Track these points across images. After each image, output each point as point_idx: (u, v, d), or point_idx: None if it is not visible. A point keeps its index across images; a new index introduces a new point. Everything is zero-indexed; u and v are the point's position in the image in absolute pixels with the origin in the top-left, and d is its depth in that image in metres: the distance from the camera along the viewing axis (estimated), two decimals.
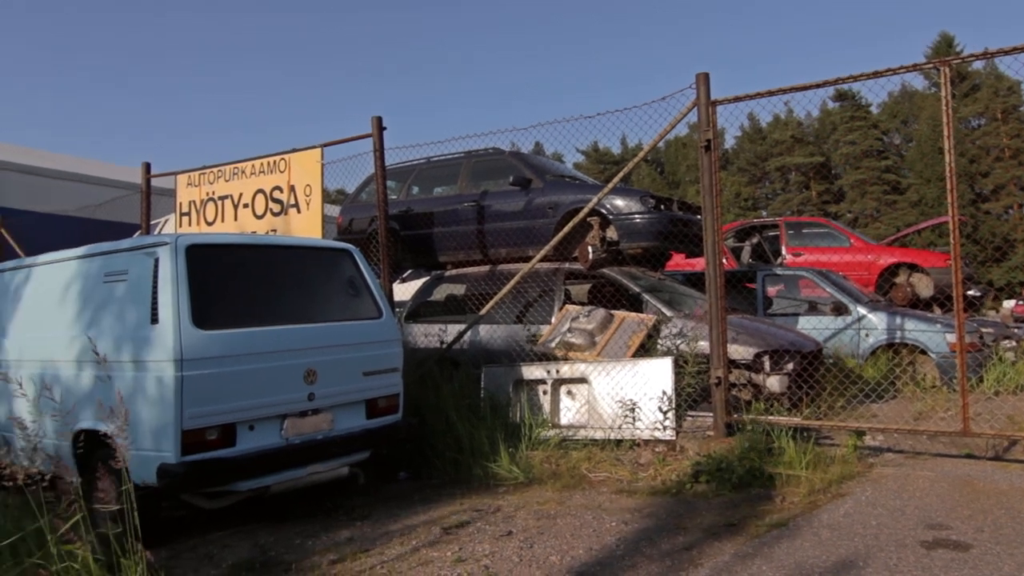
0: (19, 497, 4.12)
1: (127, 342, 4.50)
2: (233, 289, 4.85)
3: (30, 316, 5.49)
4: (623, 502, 4.97)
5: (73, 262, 5.24)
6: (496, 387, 6.71)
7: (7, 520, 3.90)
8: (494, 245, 8.22)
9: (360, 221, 9.18)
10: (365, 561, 4.11)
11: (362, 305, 5.43)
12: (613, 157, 56.24)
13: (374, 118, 7.34)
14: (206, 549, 4.56)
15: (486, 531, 4.50)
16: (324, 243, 6.10)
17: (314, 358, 4.84)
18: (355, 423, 5.13)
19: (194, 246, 4.61)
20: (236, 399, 4.45)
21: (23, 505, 3.97)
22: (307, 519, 5.07)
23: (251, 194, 8.32)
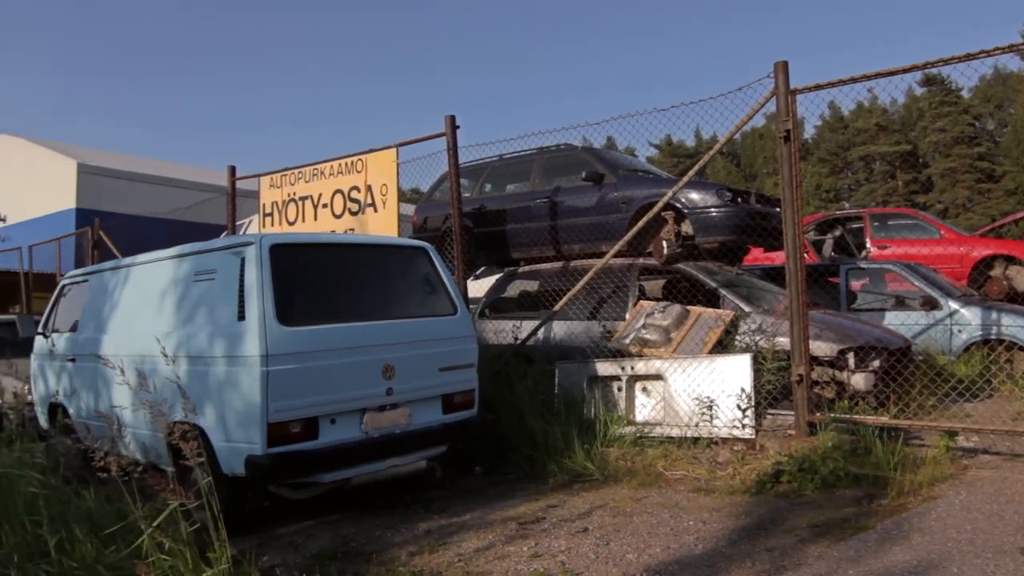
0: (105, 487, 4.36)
1: (216, 338, 4.70)
2: (314, 287, 5.00)
3: (127, 312, 5.79)
4: (701, 501, 4.90)
5: (166, 262, 5.50)
6: (570, 383, 6.70)
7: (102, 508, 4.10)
8: (567, 241, 8.20)
9: (434, 219, 9.31)
10: (443, 554, 4.17)
11: (438, 302, 5.51)
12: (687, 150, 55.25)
13: (447, 117, 7.43)
14: (291, 538, 4.72)
15: (562, 527, 4.51)
16: (400, 241, 6.22)
17: (392, 354, 4.95)
18: (432, 418, 5.22)
19: (278, 245, 4.78)
20: (318, 393, 4.59)
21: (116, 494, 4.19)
22: (386, 511, 5.19)
23: (330, 194, 8.55)
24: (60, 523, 3.85)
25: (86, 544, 3.61)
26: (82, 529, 3.70)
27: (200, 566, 3.25)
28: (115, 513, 3.97)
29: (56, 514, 3.93)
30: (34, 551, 3.74)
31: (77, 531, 3.67)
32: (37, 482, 4.36)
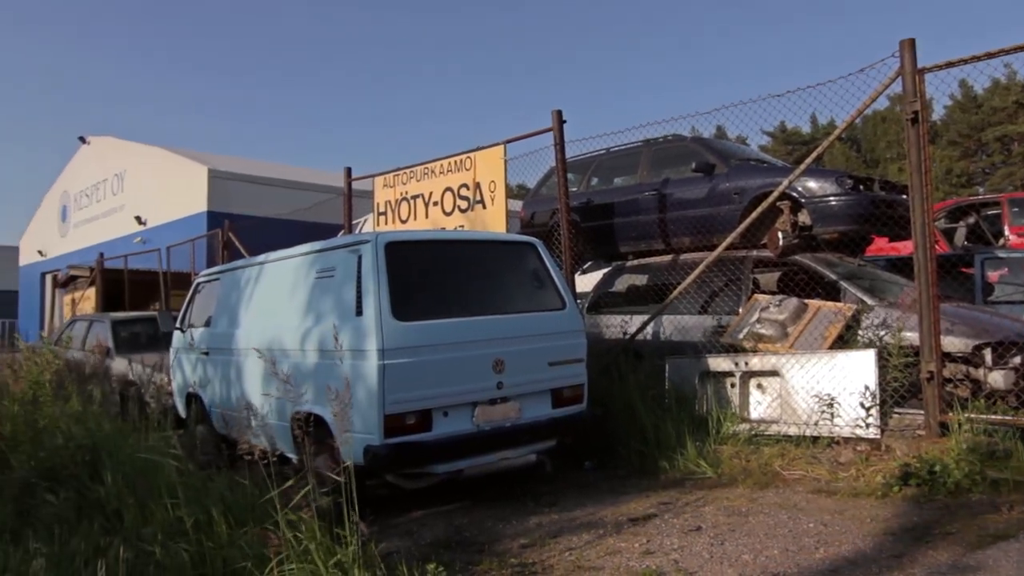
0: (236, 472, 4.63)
1: (336, 333, 4.90)
2: (427, 283, 5.13)
3: (255, 308, 6.15)
4: (821, 502, 4.70)
5: (289, 260, 5.80)
6: (681, 379, 6.58)
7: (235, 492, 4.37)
8: (676, 234, 8.05)
9: (542, 214, 9.35)
10: (554, 547, 4.20)
11: (546, 296, 5.54)
12: (802, 137, 52.84)
13: (554, 112, 7.44)
14: (407, 527, 4.88)
15: (674, 525, 4.44)
16: (509, 237, 6.29)
17: (502, 348, 5.02)
18: (541, 412, 5.25)
19: (392, 243, 4.94)
20: (431, 387, 4.72)
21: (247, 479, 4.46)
22: (497, 503, 5.27)
23: (440, 192, 8.75)
24: (197, 505, 4.13)
25: (221, 525, 3.86)
26: (217, 511, 3.95)
27: (330, 545, 3.40)
28: (247, 497, 4.23)
29: (194, 496, 4.22)
30: (175, 530, 4.03)
31: (214, 512, 3.92)
32: (179, 466, 4.70)
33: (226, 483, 4.39)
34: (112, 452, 5.24)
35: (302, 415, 5.06)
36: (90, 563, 3.75)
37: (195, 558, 3.71)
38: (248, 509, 4.12)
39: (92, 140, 30.39)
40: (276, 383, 5.43)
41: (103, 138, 29.79)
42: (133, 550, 3.75)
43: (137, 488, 4.68)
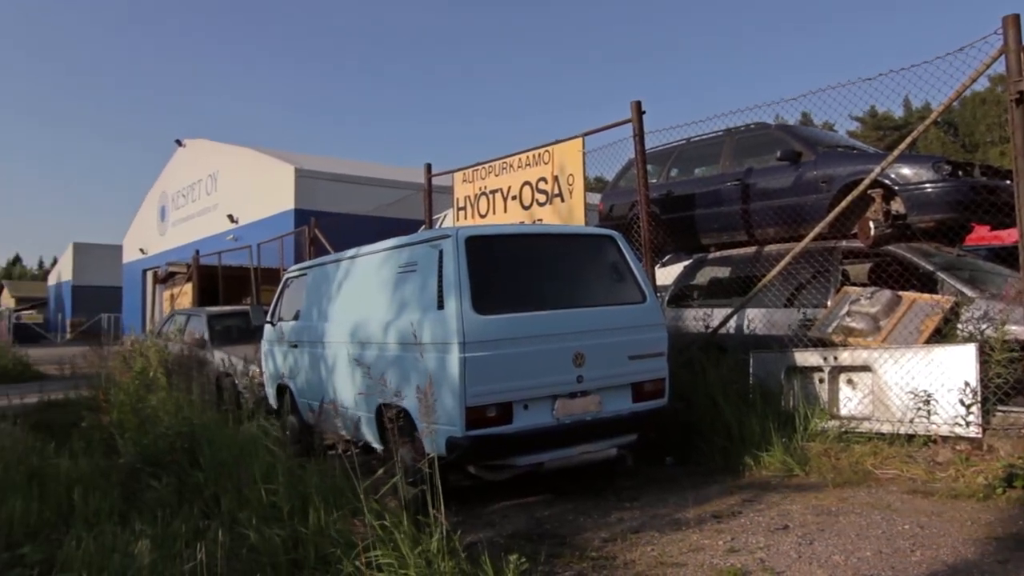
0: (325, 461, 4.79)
1: (418, 326, 5.01)
2: (507, 276, 5.17)
3: (341, 303, 6.33)
4: (917, 504, 4.51)
5: (372, 256, 5.94)
6: (766, 374, 6.41)
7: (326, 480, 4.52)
8: (760, 225, 7.83)
9: (620, 207, 9.26)
10: (635, 542, 4.17)
11: (626, 289, 5.49)
12: (894, 122, 50.36)
13: (633, 103, 7.35)
14: (489, 518, 4.94)
15: (759, 523, 4.34)
16: (588, 230, 6.26)
17: (582, 342, 5.01)
18: (622, 406, 5.22)
19: (472, 238, 5.00)
20: (512, 379, 4.76)
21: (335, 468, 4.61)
22: (578, 497, 5.27)
23: (518, 186, 8.78)
24: (292, 491, 4.30)
25: (318, 511, 3.99)
26: (311, 498, 4.09)
27: (415, 534, 3.48)
28: (336, 485, 4.37)
29: (289, 484, 4.39)
30: (268, 515, 4.21)
31: (313, 499, 4.06)
32: (272, 454, 4.90)
33: (317, 471, 4.54)
34: (210, 440, 5.51)
35: (386, 407, 5.20)
36: (190, 545, 3.96)
37: (287, 543, 3.87)
38: (337, 497, 4.25)
39: (187, 143, 31.85)
40: (361, 375, 5.60)
41: (197, 140, 31.19)
42: (230, 534, 3.93)
43: (233, 474, 4.91)
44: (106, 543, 4.00)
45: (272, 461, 4.81)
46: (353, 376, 5.77)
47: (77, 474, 5.55)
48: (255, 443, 5.18)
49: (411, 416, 4.91)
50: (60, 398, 9.79)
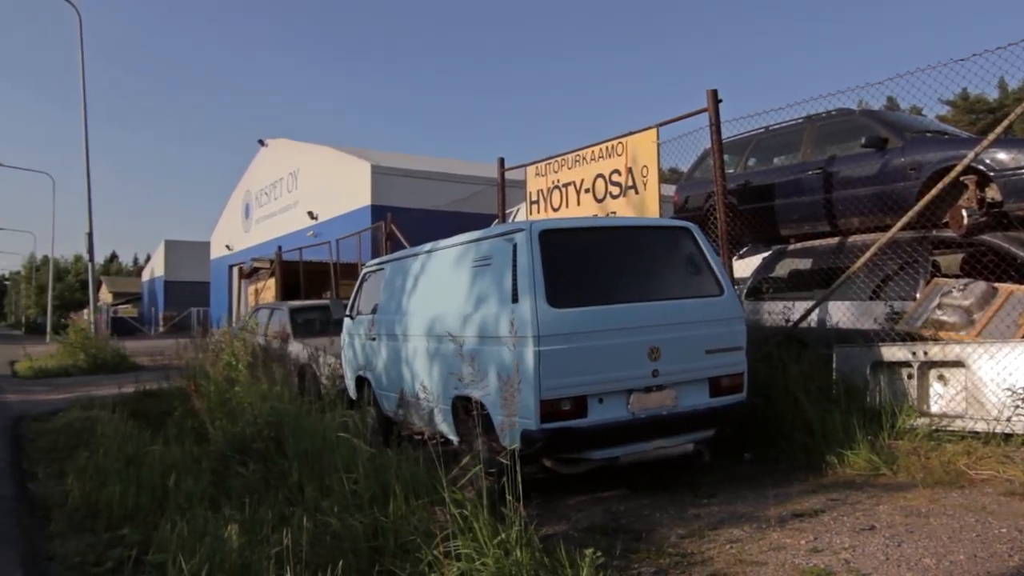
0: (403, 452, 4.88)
1: (493, 320, 5.06)
2: (582, 269, 5.15)
3: (417, 296, 6.44)
4: (1016, 506, 4.27)
5: (449, 250, 6.02)
6: (850, 369, 6.19)
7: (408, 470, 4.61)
8: (844, 215, 7.55)
9: (696, 198, 9.10)
10: (713, 539, 4.11)
11: (703, 282, 5.40)
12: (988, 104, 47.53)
13: (709, 91, 7.20)
14: (563, 511, 4.95)
15: (844, 523, 4.21)
16: (663, 222, 6.18)
17: (657, 335, 4.95)
18: (699, 401, 5.14)
19: (546, 231, 5.01)
20: (586, 373, 4.74)
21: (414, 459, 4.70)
22: (654, 492, 5.22)
23: (591, 179, 8.73)
24: (374, 480, 4.40)
25: (399, 500, 4.08)
26: (393, 487, 4.19)
27: (494, 525, 3.51)
28: (416, 475, 4.46)
29: (371, 473, 4.50)
30: (349, 503, 4.33)
31: (394, 488, 4.16)
32: (352, 444, 5.03)
33: (396, 462, 4.64)
34: (293, 430, 5.70)
35: (462, 399, 5.27)
36: (276, 530, 4.11)
37: (367, 531, 3.97)
38: (417, 487, 4.34)
39: (269, 142, 32.91)
40: (437, 368, 5.69)
41: (279, 140, 32.19)
42: (313, 520, 4.07)
43: (316, 463, 5.07)
44: (198, 527, 4.19)
45: (353, 451, 4.94)
46: (429, 369, 5.86)
47: (171, 460, 5.85)
48: (337, 433, 5.33)
49: (487, 409, 4.95)
50: (154, 388, 10.31)
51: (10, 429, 9.43)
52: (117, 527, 4.88)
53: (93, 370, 18.13)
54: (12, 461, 7.32)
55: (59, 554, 4.47)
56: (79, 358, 19.16)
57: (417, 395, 5.93)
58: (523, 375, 4.61)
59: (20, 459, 7.45)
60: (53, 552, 4.55)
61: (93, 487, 5.54)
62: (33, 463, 7.21)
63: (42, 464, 7.07)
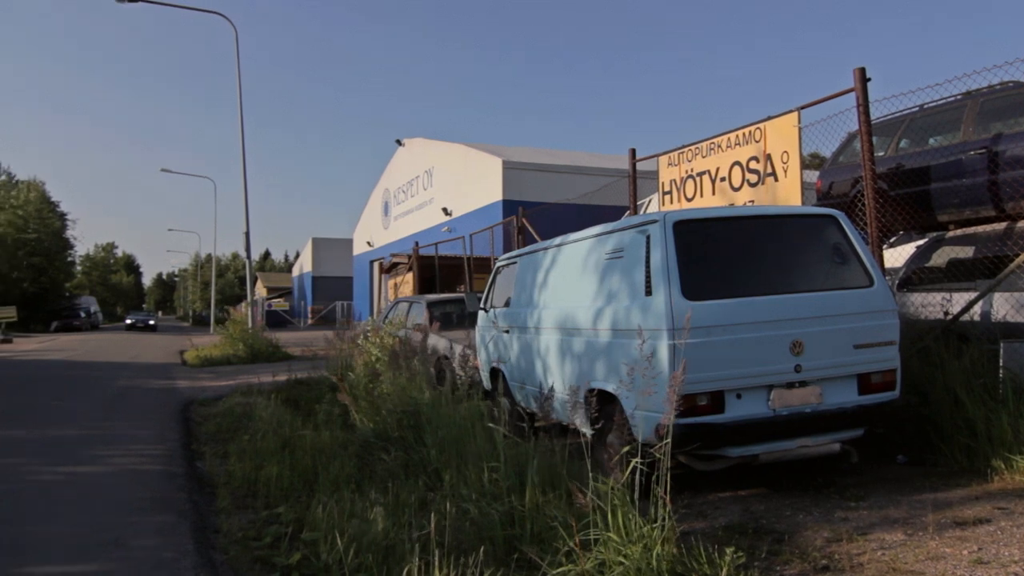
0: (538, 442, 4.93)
1: (626, 312, 5.01)
2: (719, 261, 5.00)
3: (549, 289, 6.49)
4: None
5: (580, 243, 6.02)
6: (1020, 366, 5.65)
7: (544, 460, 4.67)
8: (1012, 198, 6.89)
9: (841, 184, 8.60)
10: (863, 545, 3.89)
11: (850, 273, 5.10)
12: None
13: (856, 70, 6.78)
14: (700, 508, 4.84)
15: (1013, 534, 3.86)
16: (806, 210, 5.88)
17: (800, 329, 4.73)
18: (846, 398, 4.87)
19: (681, 222, 4.90)
20: (724, 367, 4.60)
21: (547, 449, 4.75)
22: (796, 493, 5.01)
23: (727, 167, 8.45)
24: (511, 469, 4.49)
25: (534, 490, 4.14)
26: (530, 477, 4.24)
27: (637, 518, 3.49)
28: (552, 465, 4.50)
29: (510, 462, 4.59)
30: (488, 491, 4.43)
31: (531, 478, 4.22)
32: (489, 434, 5.15)
33: (532, 451, 4.70)
34: (432, 419, 5.90)
35: (595, 391, 5.26)
36: (417, 515, 4.28)
37: (504, 518, 4.05)
38: (553, 477, 4.38)
39: (406, 142, 34.14)
40: (570, 360, 5.71)
41: (415, 139, 33.33)
42: (453, 507, 4.20)
43: (454, 452, 5.23)
44: (345, 508, 4.44)
45: (489, 440, 5.06)
46: (562, 361, 5.89)
47: (320, 445, 6.22)
48: (473, 423, 5.47)
49: (620, 401, 4.92)
50: (304, 377, 10.99)
51: (181, 413, 10.35)
52: (274, 505, 5.25)
53: (251, 359, 19.56)
54: (183, 442, 8.04)
55: (224, 528, 4.87)
56: (238, 348, 20.74)
57: (550, 387, 5.98)
58: (656, 369, 4.54)
59: (190, 440, 8.17)
60: (219, 526, 4.96)
61: (252, 468, 5.98)
62: (200, 444, 7.88)
63: (208, 445, 7.72)
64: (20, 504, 5.48)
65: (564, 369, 5.85)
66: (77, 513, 5.25)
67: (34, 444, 7.91)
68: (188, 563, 4.17)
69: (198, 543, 4.55)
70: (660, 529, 3.40)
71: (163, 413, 10.28)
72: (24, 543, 4.53)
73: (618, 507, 3.50)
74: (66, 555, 4.36)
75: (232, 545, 4.53)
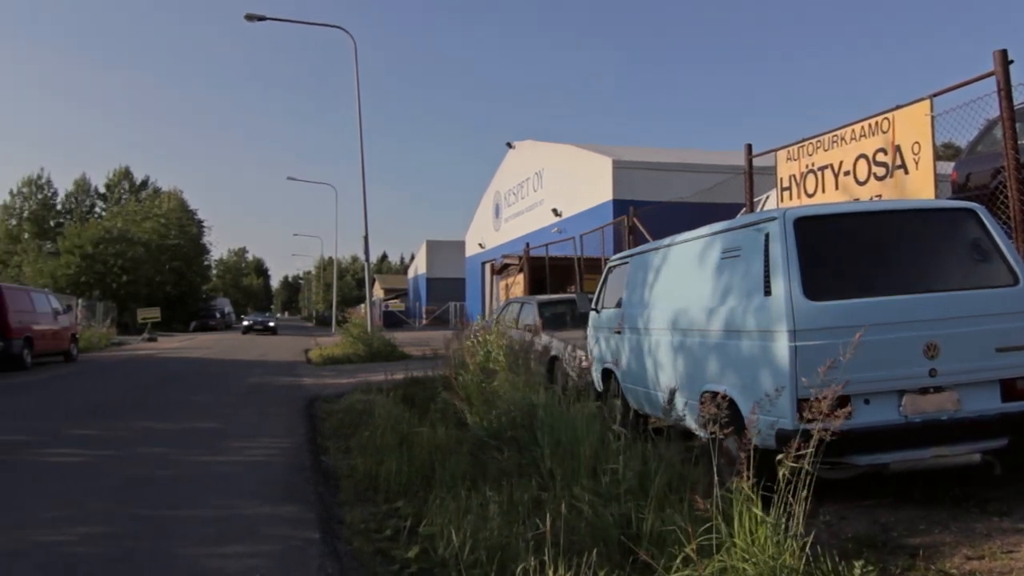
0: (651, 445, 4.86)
1: (744, 313, 4.86)
2: (843, 259, 4.76)
3: (662, 290, 6.39)
4: None
5: (694, 242, 5.90)
6: None
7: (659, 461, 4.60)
8: None
9: (979, 175, 7.99)
10: (1008, 563, 3.61)
11: (991, 271, 4.74)
12: None
13: (997, 52, 6.29)
14: (824, 518, 4.62)
15: None
16: (941, 204, 5.51)
17: (935, 331, 4.44)
18: (987, 405, 4.52)
19: (802, 219, 4.70)
20: (850, 371, 4.36)
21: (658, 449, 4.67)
22: (929, 505, 4.70)
23: (852, 160, 8.05)
24: (625, 471, 4.45)
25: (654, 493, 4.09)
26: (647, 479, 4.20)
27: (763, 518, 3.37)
28: (671, 467, 4.43)
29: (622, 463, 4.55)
30: (602, 493, 4.41)
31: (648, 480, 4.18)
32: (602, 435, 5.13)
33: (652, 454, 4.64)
34: (544, 419, 5.93)
35: (710, 393, 5.13)
36: (531, 514, 4.32)
37: (619, 521, 4.02)
38: (672, 480, 4.32)
39: (516, 144, 34.49)
40: (684, 362, 5.61)
41: (525, 142, 33.62)
42: (566, 507, 4.21)
43: (567, 452, 5.24)
44: (460, 505, 4.54)
45: (602, 442, 5.04)
46: (676, 362, 5.79)
47: (435, 442, 6.38)
48: (587, 423, 5.46)
49: (737, 404, 4.78)
50: (420, 376, 11.30)
51: (306, 409, 10.89)
52: (393, 499, 5.43)
53: (370, 358, 20.33)
54: (309, 437, 8.45)
55: (347, 520, 5.09)
56: (358, 348, 21.60)
57: (664, 388, 5.89)
58: (777, 371, 4.38)
59: (315, 435, 8.57)
60: (342, 517, 5.19)
61: (373, 462, 6.21)
62: (325, 439, 8.26)
63: (332, 440, 8.08)
64: (167, 490, 5.93)
65: (678, 371, 5.74)
66: (215, 500, 5.63)
67: (179, 435, 8.55)
68: (315, 552, 4.38)
69: (324, 533, 4.77)
70: (788, 537, 3.27)
71: (290, 409, 10.85)
72: (172, 527, 4.90)
73: (743, 513, 3.40)
74: (208, 539, 4.68)
75: (355, 536, 4.72)
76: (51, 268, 46.88)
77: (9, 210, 63.71)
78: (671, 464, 4.47)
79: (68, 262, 46.96)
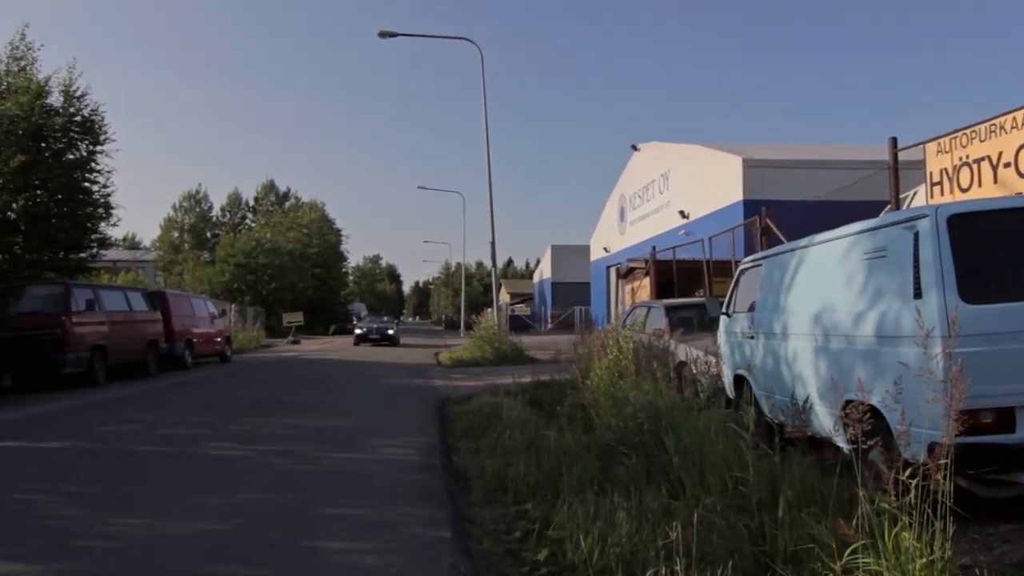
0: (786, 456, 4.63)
1: (890, 317, 4.56)
2: (1006, 258, 4.37)
3: (799, 293, 6.11)
4: None
5: (834, 243, 5.60)
6: None
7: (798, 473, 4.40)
8: None
9: None
10: None
11: None
12: None
13: None
14: (984, 540, 4.26)
15: None
16: None
17: None
18: None
19: (957, 215, 4.36)
20: (1015, 380, 4.02)
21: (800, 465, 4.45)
22: None
23: (1013, 151, 7.37)
24: (760, 482, 4.29)
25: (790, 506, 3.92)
26: (785, 492, 4.02)
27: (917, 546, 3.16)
28: (809, 480, 4.23)
29: (757, 473, 4.39)
30: (735, 504, 4.27)
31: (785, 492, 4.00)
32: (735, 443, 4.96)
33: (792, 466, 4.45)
34: (674, 425, 5.82)
35: (854, 404, 4.85)
36: (660, 522, 4.24)
37: (754, 533, 3.88)
38: (810, 494, 4.12)
39: (641, 147, 34.06)
40: (825, 368, 5.33)
41: (650, 144, 33.14)
42: (697, 516, 4.10)
43: (697, 459, 5.11)
44: (589, 509, 4.52)
45: (734, 451, 4.87)
46: (815, 369, 5.52)
47: (563, 446, 6.39)
48: (718, 431, 5.30)
49: (884, 415, 4.49)
50: (546, 379, 11.37)
51: (438, 410, 11.22)
52: (521, 501, 5.49)
53: (497, 361, 20.68)
54: (440, 437, 8.70)
55: (478, 520, 5.19)
56: (486, 351, 22.05)
57: (801, 397, 5.62)
58: (930, 380, 4.08)
59: (446, 435, 8.81)
60: (473, 517, 5.29)
61: (501, 464, 6.31)
62: (455, 439, 8.48)
63: (462, 440, 8.28)
64: (309, 486, 6.27)
65: (817, 378, 5.47)
66: (353, 496, 5.90)
67: (322, 432, 9.04)
68: (447, 550, 4.49)
69: (455, 532, 4.89)
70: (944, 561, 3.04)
71: (423, 409, 11.22)
72: (313, 522, 5.18)
73: (894, 531, 3.18)
74: (347, 533, 4.91)
75: (485, 536, 4.81)
76: (208, 275, 50.78)
77: (172, 223, 69.54)
78: (807, 476, 4.25)
79: (223, 270, 50.73)
